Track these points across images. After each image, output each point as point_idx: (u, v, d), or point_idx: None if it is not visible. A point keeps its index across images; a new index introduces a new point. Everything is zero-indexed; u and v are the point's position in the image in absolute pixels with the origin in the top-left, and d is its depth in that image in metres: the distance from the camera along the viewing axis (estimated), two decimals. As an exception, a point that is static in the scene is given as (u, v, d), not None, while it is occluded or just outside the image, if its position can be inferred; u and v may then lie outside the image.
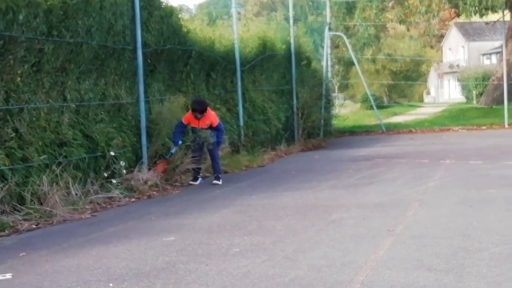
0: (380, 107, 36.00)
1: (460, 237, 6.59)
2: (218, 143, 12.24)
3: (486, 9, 23.95)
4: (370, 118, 29.42)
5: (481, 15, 25.23)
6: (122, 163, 10.71)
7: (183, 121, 11.86)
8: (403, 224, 7.44)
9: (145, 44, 11.79)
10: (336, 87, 36.51)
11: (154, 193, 10.81)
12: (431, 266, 5.53)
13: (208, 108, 12.00)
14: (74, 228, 8.14)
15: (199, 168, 12.01)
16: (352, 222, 7.73)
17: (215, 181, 11.84)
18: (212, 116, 12.04)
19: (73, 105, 10.03)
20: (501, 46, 27.76)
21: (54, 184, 8.97)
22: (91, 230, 7.93)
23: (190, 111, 11.92)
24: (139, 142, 11.58)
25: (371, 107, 28.38)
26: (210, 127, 11.91)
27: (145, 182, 10.85)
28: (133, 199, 10.26)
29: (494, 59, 57.81)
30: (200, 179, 11.96)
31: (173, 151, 11.72)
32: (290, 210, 8.71)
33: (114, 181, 10.40)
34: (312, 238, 6.88)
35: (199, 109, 11.78)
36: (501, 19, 25.59)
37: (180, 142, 11.76)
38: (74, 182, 9.44)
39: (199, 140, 11.81)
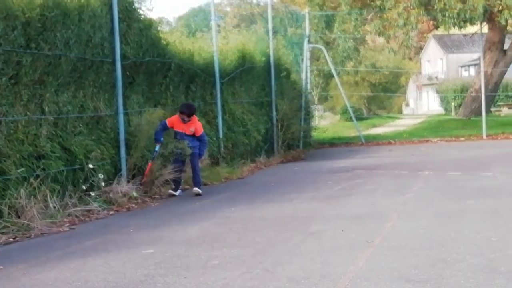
0: (360, 118, 36.12)
1: (438, 248, 6.62)
2: (200, 155, 12.25)
3: (465, 21, 24.12)
4: (350, 129, 29.51)
5: (460, 28, 25.41)
6: (101, 176, 10.66)
7: (167, 122, 11.94)
8: (382, 235, 7.46)
9: (124, 57, 11.78)
10: (316, 99, 36.60)
11: (133, 205, 10.77)
12: (409, 277, 5.55)
13: (195, 115, 12.06)
14: (52, 241, 8.09)
15: (180, 179, 11.97)
16: (331, 233, 7.75)
17: (195, 188, 11.82)
18: (198, 125, 12.09)
19: (51, 118, 9.98)
20: (479, 58, 27.97)
21: (32, 197, 8.92)
22: (69, 243, 7.89)
23: (177, 114, 11.97)
24: (118, 155, 11.53)
25: (350, 119, 28.50)
26: (194, 136, 11.92)
27: (124, 195, 10.81)
28: (111, 212, 10.22)
29: (472, 71, 58.26)
30: (180, 190, 11.93)
31: (157, 148, 11.74)
32: (270, 222, 8.71)
33: (92, 193, 10.35)
34: (291, 250, 6.88)
35: (187, 112, 11.87)
36: (479, 31, 25.81)
37: (162, 139, 11.78)
38: (52, 195, 9.38)
39: (176, 150, 11.80)
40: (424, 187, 11.72)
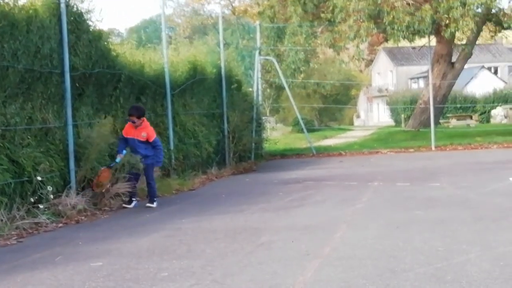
0: (311, 130, 36.33)
1: (386, 258, 6.70)
2: (158, 163, 12.17)
3: (413, 33, 24.48)
4: (301, 141, 29.65)
5: (409, 40, 25.78)
6: (50, 188, 10.54)
7: (123, 134, 11.92)
8: (331, 246, 7.52)
9: (73, 68, 11.67)
10: (267, 111, 36.71)
11: (83, 218, 10.67)
12: (357, 287, 5.60)
13: (145, 119, 12.02)
14: (-2, 255, 7.98)
15: (135, 191, 11.88)
16: (281, 244, 7.78)
17: (148, 204, 11.77)
18: (150, 129, 12.02)
19: (-1, 130, 9.85)
20: (427, 71, 28.40)
21: (-21, 210, 8.79)
22: (17, 256, 7.78)
23: (128, 122, 11.97)
24: (67, 167, 11.41)
25: (302, 131, 28.66)
26: (147, 142, 11.85)
27: (73, 207, 10.70)
28: (60, 225, 10.10)
29: (421, 83, 59.19)
30: (135, 202, 11.84)
31: (117, 160, 11.63)
32: (220, 234, 8.71)
33: (41, 206, 10.21)
34: (241, 261, 6.89)
35: (136, 113, 11.85)
36: (427, 44, 26.21)
37: (124, 151, 11.70)
38: (0, 208, 9.25)
39: (128, 166, 11.70)
40: (373, 198, 11.84)
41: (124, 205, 11.69)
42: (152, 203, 11.81)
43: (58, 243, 8.63)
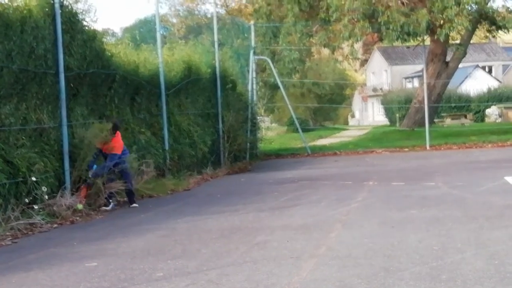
0: (306, 130, 36.24)
1: (381, 257, 6.71)
2: (94, 170, 11.66)
3: (408, 34, 24.45)
4: (296, 141, 29.61)
5: (403, 41, 25.75)
6: (44, 189, 10.52)
7: (99, 147, 11.80)
8: (326, 245, 7.52)
9: (67, 68, 11.66)
10: (262, 110, 36.66)
11: (77, 218, 10.66)
12: (352, 286, 5.60)
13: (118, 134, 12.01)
14: (-7, 256, 7.96)
15: (112, 193, 11.78)
16: (276, 244, 7.78)
17: (134, 205, 11.82)
18: (118, 144, 11.92)
19: (-7, 130, 9.83)
20: (422, 70, 28.39)
21: (-27, 210, 8.77)
22: (12, 257, 7.78)
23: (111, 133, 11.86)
24: (61, 167, 11.39)
25: (297, 130, 28.64)
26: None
27: (68, 208, 10.68)
28: (55, 225, 10.09)
29: (416, 82, 59.13)
30: (112, 204, 11.75)
31: (91, 174, 11.56)
32: (215, 234, 8.71)
33: (36, 207, 10.19)
34: (236, 261, 6.89)
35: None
36: (422, 44, 26.21)
37: (94, 166, 11.64)
38: (-6, 209, 9.24)
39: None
40: (369, 197, 11.84)
41: (104, 207, 11.58)
42: (135, 202, 11.88)
43: (53, 243, 8.62)
